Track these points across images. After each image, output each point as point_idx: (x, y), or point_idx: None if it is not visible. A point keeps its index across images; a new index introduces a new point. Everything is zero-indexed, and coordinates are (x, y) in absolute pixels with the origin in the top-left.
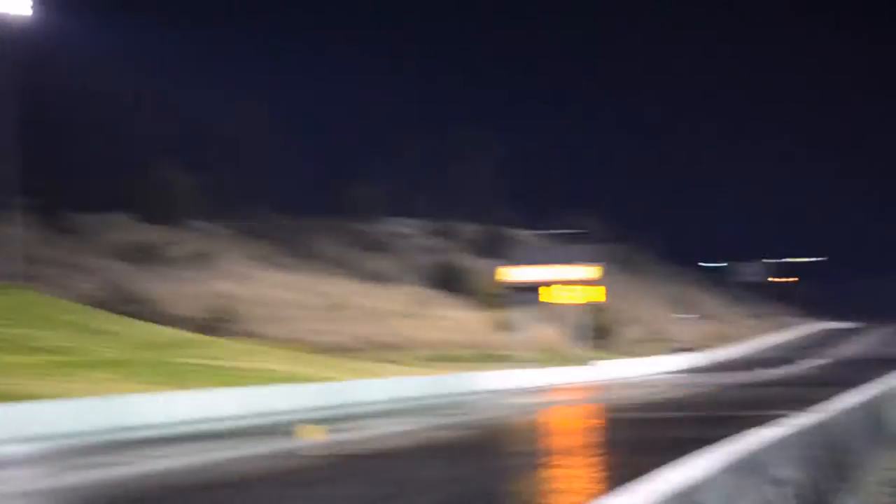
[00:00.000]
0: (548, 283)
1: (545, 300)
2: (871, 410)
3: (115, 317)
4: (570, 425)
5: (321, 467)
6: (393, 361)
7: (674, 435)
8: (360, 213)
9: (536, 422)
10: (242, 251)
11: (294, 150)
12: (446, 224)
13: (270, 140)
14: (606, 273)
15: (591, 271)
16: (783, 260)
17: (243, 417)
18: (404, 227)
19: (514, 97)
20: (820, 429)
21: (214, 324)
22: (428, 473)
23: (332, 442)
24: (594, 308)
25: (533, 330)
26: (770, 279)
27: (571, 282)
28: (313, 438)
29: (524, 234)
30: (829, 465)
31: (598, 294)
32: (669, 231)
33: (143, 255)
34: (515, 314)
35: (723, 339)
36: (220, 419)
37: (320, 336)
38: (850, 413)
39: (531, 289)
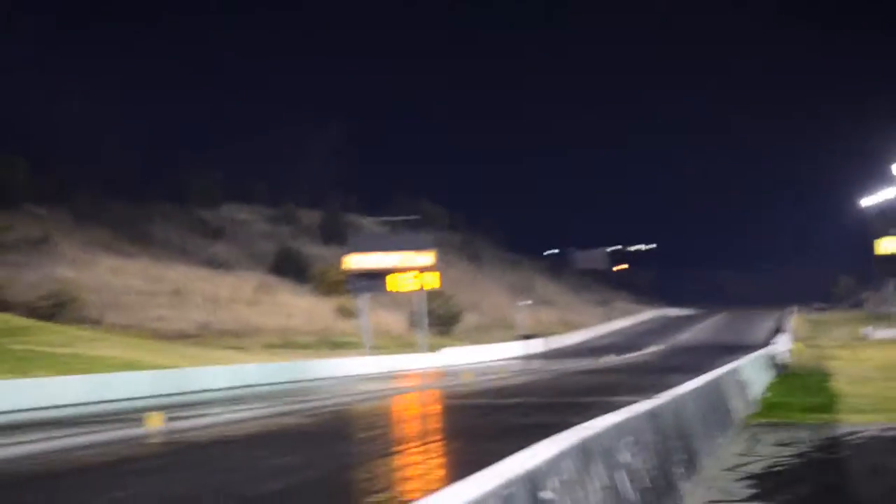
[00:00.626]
0: (388, 271)
1: (388, 287)
2: (713, 395)
3: None
4: (416, 412)
5: (160, 455)
6: (236, 348)
7: (519, 422)
8: (200, 199)
9: (383, 408)
10: (82, 237)
11: (132, 135)
12: (287, 210)
13: (106, 124)
14: (443, 260)
15: (427, 258)
16: (619, 248)
17: (86, 405)
18: (244, 214)
19: (358, 81)
20: (663, 414)
21: (54, 310)
22: (271, 461)
23: (172, 429)
24: (434, 295)
25: (377, 317)
26: (611, 267)
27: (409, 269)
28: (154, 426)
29: (364, 220)
30: (673, 450)
31: (434, 280)
32: (512, 219)
33: None
34: (359, 301)
35: (565, 326)
36: (63, 406)
37: (162, 323)
38: (693, 398)
39: (373, 276)
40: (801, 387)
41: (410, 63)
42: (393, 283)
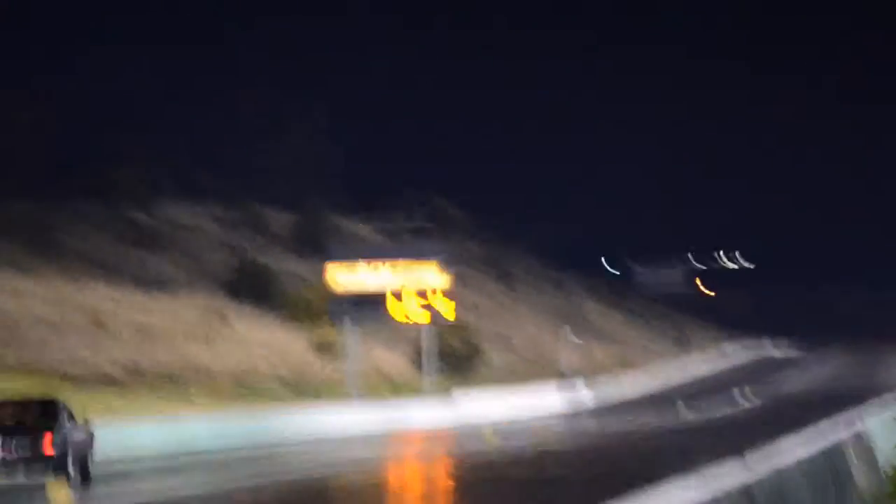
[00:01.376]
0: (385, 294)
1: (388, 315)
2: (830, 466)
3: None
4: (422, 488)
5: None
6: (176, 398)
7: (564, 502)
8: (130, 197)
9: (377, 482)
10: None
11: (37, 111)
12: (248, 211)
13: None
14: (462, 279)
15: (439, 277)
16: (702, 265)
17: None
18: (191, 216)
19: (351, 41)
20: (759, 492)
21: None
22: None
23: None
24: (449, 327)
25: (371, 356)
26: (692, 290)
27: (415, 291)
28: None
29: (356, 226)
30: None
31: (447, 308)
32: (555, 225)
33: None
34: (346, 334)
35: (628, 368)
36: None
37: (76, 364)
38: (801, 470)
39: (366, 300)
40: None
41: (420, 22)
42: (393, 310)
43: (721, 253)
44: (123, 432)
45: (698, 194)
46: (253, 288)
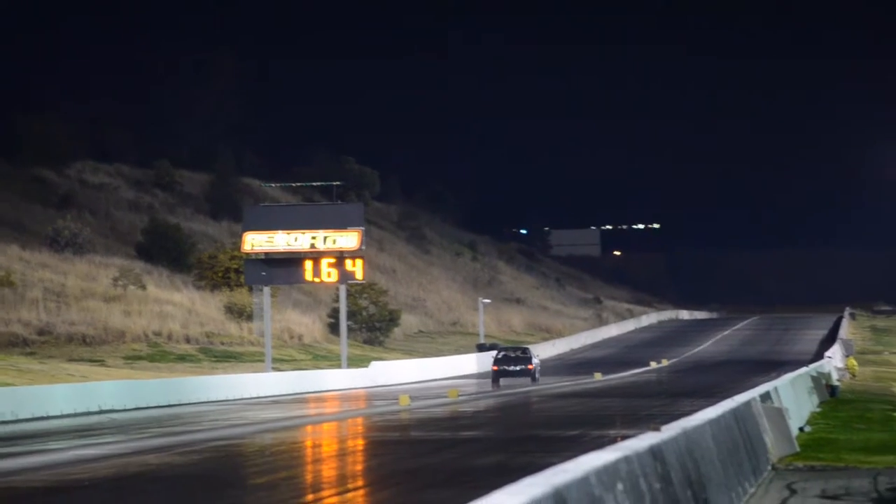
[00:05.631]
0: (298, 255)
1: (300, 279)
2: (737, 429)
3: None
4: (333, 448)
5: None
6: (89, 360)
7: (473, 463)
8: (40, 154)
9: (289, 444)
10: None
11: None
12: (160, 171)
13: None
14: (375, 241)
15: (350, 238)
16: (613, 227)
17: None
18: (101, 175)
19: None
20: (668, 454)
21: None
22: None
23: None
24: (361, 289)
25: (284, 319)
26: (603, 252)
27: (327, 253)
28: None
29: (267, 186)
30: (679, 502)
31: (357, 269)
32: (468, 186)
33: None
34: (259, 297)
35: (540, 332)
36: None
37: None
38: (709, 432)
39: (279, 262)
40: (857, 418)
41: None
42: (307, 273)
43: (631, 216)
44: (36, 394)
45: (610, 160)
46: (165, 250)
